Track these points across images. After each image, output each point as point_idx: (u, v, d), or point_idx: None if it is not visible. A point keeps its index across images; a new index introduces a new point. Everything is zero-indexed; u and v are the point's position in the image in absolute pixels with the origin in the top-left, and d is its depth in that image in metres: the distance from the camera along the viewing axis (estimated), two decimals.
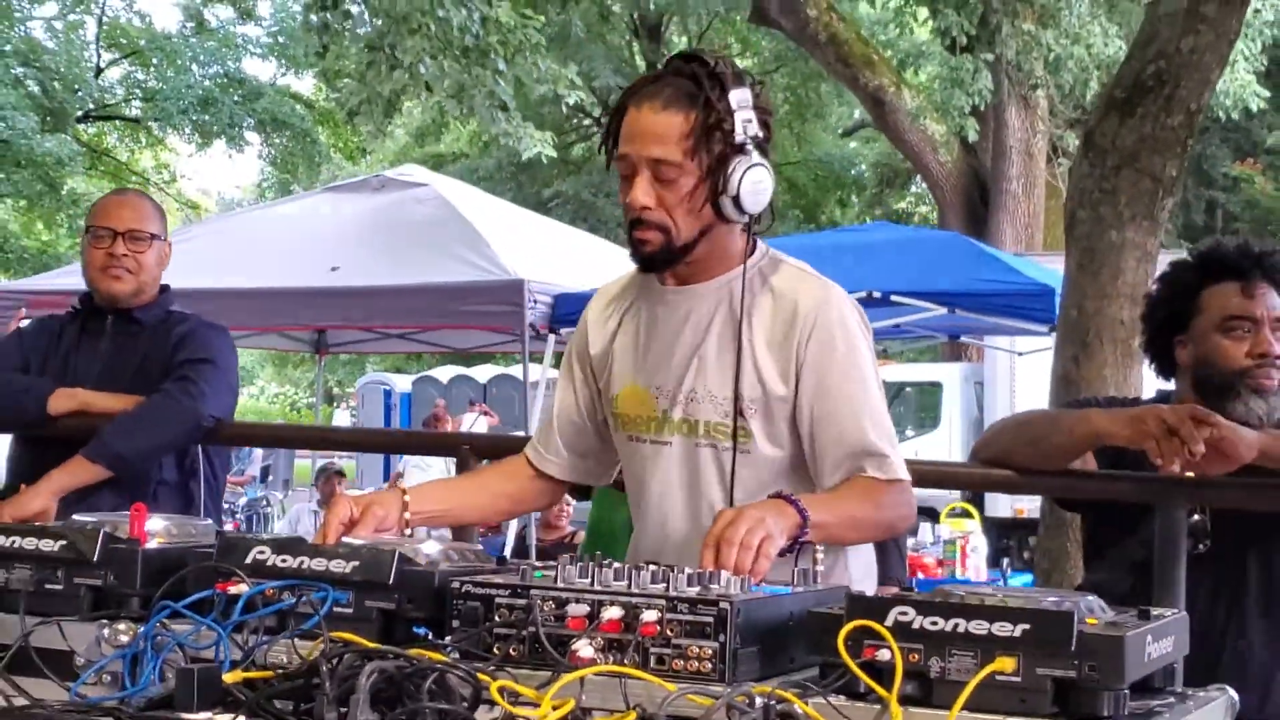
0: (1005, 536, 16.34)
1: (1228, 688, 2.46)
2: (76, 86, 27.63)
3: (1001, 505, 17.41)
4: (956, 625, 2.09)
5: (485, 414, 27.58)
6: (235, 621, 2.31)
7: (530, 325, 9.37)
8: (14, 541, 2.59)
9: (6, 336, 4.53)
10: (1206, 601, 3.32)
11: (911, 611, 2.12)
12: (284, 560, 2.45)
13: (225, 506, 18.90)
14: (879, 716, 2.06)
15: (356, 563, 2.41)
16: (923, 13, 20.74)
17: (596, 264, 10.73)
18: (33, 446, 4.21)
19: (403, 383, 26.63)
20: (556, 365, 5.75)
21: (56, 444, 4.07)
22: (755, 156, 2.81)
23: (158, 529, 2.68)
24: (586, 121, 33.00)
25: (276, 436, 11.40)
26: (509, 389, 24.93)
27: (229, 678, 2.20)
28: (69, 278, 11.05)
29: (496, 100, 11.36)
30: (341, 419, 35.46)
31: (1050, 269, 9.67)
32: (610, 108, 3.00)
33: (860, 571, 3.02)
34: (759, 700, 2.04)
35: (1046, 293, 8.81)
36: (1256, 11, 17.68)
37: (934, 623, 2.10)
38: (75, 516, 2.83)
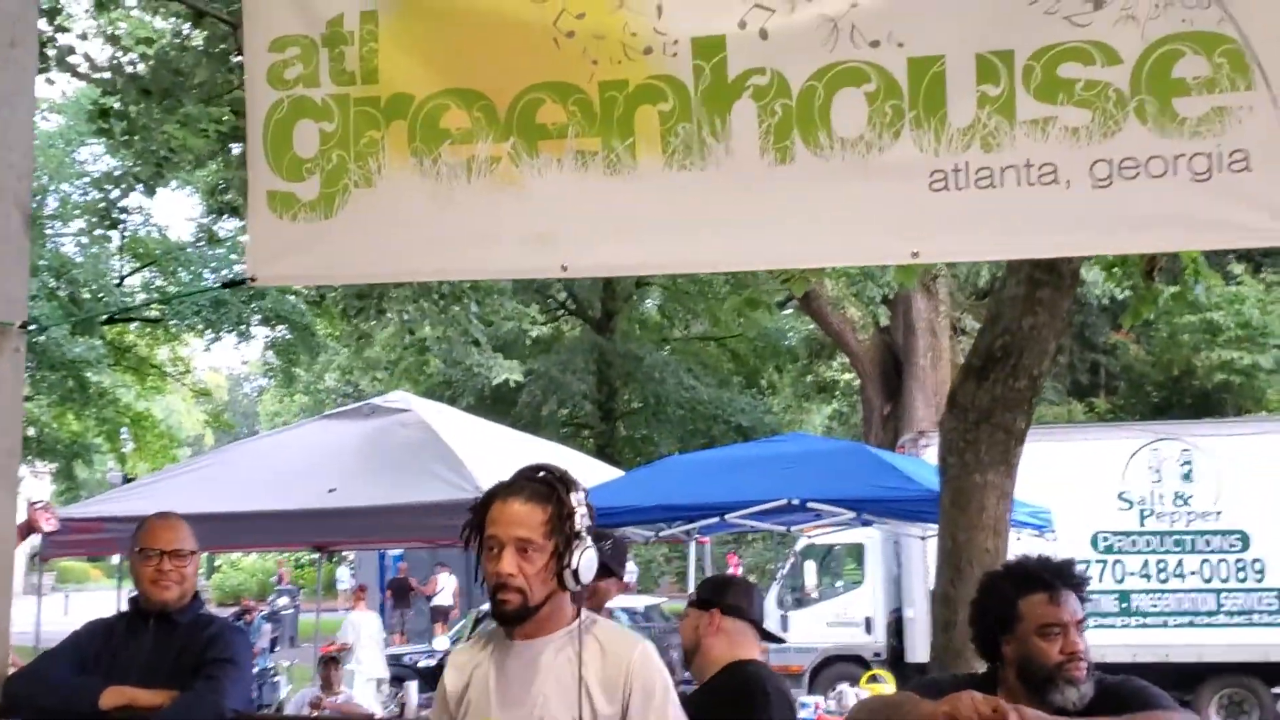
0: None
1: None
2: (102, 294, 27.97)
3: (920, 652, 17.75)
4: None
5: (449, 572, 28.14)
6: None
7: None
8: None
9: (66, 640, 4.87)
10: None
11: None
12: None
13: None
14: None
15: None
16: None
17: None
18: None
19: None
20: None
21: None
22: (588, 541, 3.36)
23: None
24: (553, 306, 33.52)
25: None
26: None
27: None
28: (91, 507, 11.46)
29: (470, 338, 11.81)
30: (343, 573, 35.56)
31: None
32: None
33: None
34: None
35: (934, 498, 9.23)
36: None
37: None
38: None
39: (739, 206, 4.07)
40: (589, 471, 12.50)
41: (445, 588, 28.94)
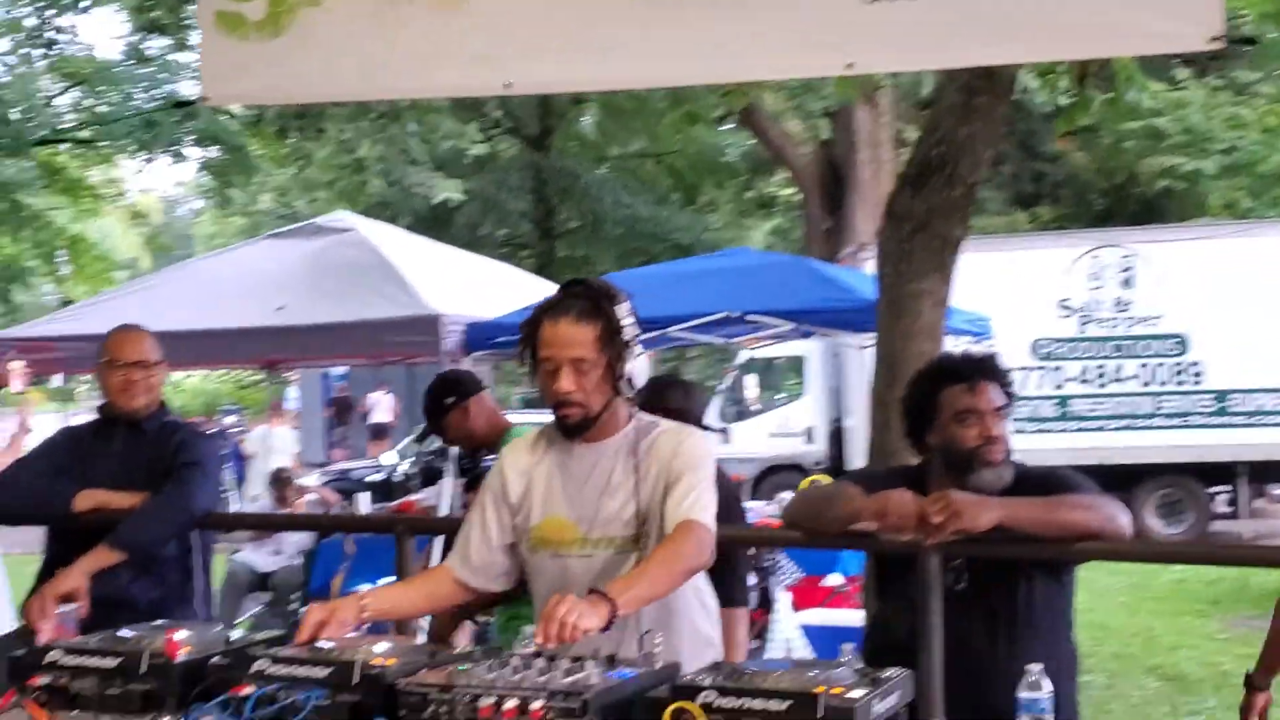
0: None
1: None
2: (31, 114, 27.53)
3: (860, 460, 18.25)
4: (744, 702, 2.81)
5: (387, 391, 28.54)
6: (247, 717, 2.98)
7: (446, 352, 9.93)
8: (82, 660, 3.23)
9: (38, 447, 5.12)
10: (971, 626, 3.95)
11: (715, 694, 2.83)
12: (279, 668, 3.10)
13: None
14: None
15: (331, 669, 3.07)
16: None
17: (502, 291, 11.32)
18: (63, 536, 4.81)
19: None
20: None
21: (83, 534, 4.66)
22: (638, 349, 3.60)
23: (183, 639, 3.29)
24: (489, 124, 33.24)
25: (251, 522, 11.97)
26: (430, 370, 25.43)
27: None
28: (45, 326, 11.55)
29: (408, 157, 11.84)
30: (292, 394, 35.80)
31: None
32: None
33: (690, 643, 3.68)
34: None
35: (872, 307, 9.48)
36: None
37: (730, 700, 2.82)
38: (122, 632, 3.43)
39: (677, 22, 4.23)
40: (530, 291, 12.71)
41: (381, 405, 29.35)
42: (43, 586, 4.51)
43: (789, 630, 8.56)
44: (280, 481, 12.34)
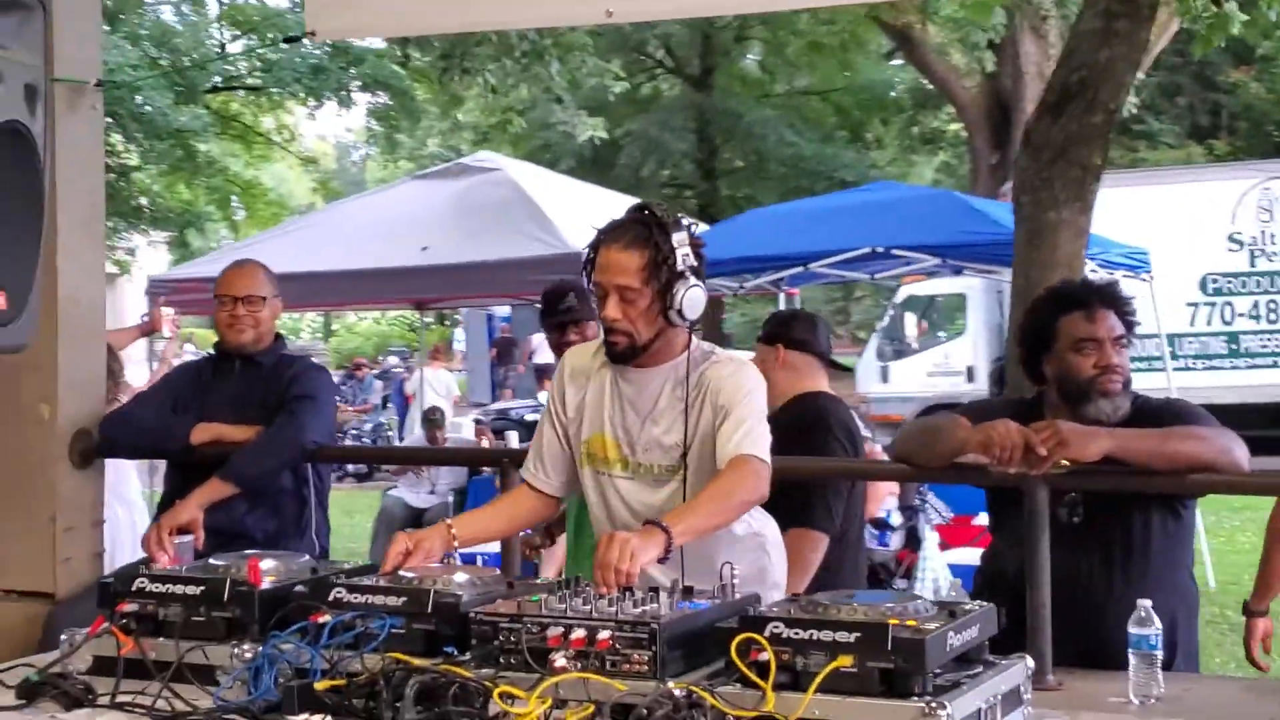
0: None
1: (1026, 656, 3.07)
2: (204, 63, 28.09)
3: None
4: (812, 634, 2.73)
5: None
6: (323, 644, 2.99)
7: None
8: (168, 588, 3.29)
9: (157, 382, 5.23)
10: (1085, 559, 3.83)
11: (782, 625, 2.76)
12: (356, 596, 3.12)
13: (353, 432, 20.07)
14: (760, 699, 2.69)
15: (406, 598, 3.08)
16: None
17: None
18: (182, 468, 4.89)
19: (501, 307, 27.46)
20: None
21: (201, 467, 4.73)
22: (692, 279, 3.51)
23: (268, 569, 3.34)
24: (650, 64, 33.10)
25: (363, 455, 12.18)
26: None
27: (319, 685, 2.87)
28: (203, 267, 11.80)
29: (553, 95, 11.85)
30: (459, 336, 36.18)
31: None
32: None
33: (757, 573, 3.66)
34: (679, 693, 2.69)
35: None
36: None
37: (797, 632, 2.74)
38: (211, 560, 3.49)
39: None
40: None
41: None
42: (160, 518, 4.60)
43: (937, 569, 8.45)
44: (430, 422, 12.45)
